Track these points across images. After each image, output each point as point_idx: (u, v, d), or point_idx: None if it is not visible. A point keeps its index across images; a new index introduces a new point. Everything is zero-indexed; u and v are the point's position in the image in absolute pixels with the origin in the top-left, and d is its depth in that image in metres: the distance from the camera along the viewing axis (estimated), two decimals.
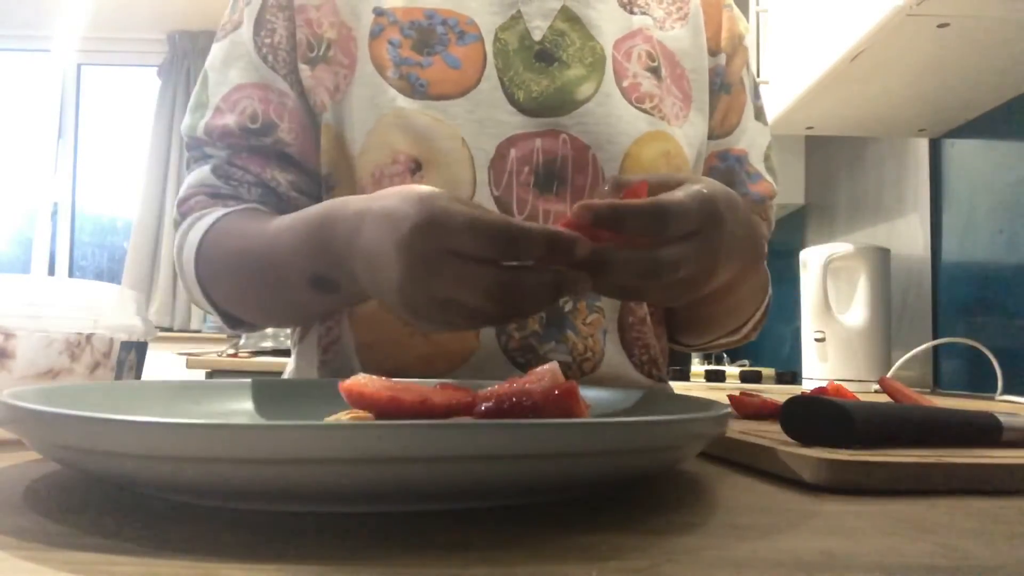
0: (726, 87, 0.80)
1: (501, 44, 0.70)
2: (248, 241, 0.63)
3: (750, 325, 0.79)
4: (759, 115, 0.83)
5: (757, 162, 0.81)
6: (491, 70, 0.69)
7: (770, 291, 0.80)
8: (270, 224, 0.62)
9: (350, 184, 0.69)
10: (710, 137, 0.80)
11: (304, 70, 0.70)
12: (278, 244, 0.60)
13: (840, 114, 1.52)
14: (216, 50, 0.74)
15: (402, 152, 0.66)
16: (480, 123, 0.67)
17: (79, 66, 3.75)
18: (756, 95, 0.84)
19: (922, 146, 1.62)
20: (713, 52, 0.79)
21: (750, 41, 0.85)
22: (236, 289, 0.67)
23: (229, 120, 0.70)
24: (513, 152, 0.68)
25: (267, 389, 0.49)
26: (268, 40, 0.71)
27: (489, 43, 0.70)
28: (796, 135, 1.87)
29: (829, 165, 2.08)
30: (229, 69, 0.71)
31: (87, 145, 3.77)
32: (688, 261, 0.44)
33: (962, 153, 1.51)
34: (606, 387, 0.50)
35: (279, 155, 0.70)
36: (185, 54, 3.65)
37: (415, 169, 0.66)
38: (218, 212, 0.68)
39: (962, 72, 1.26)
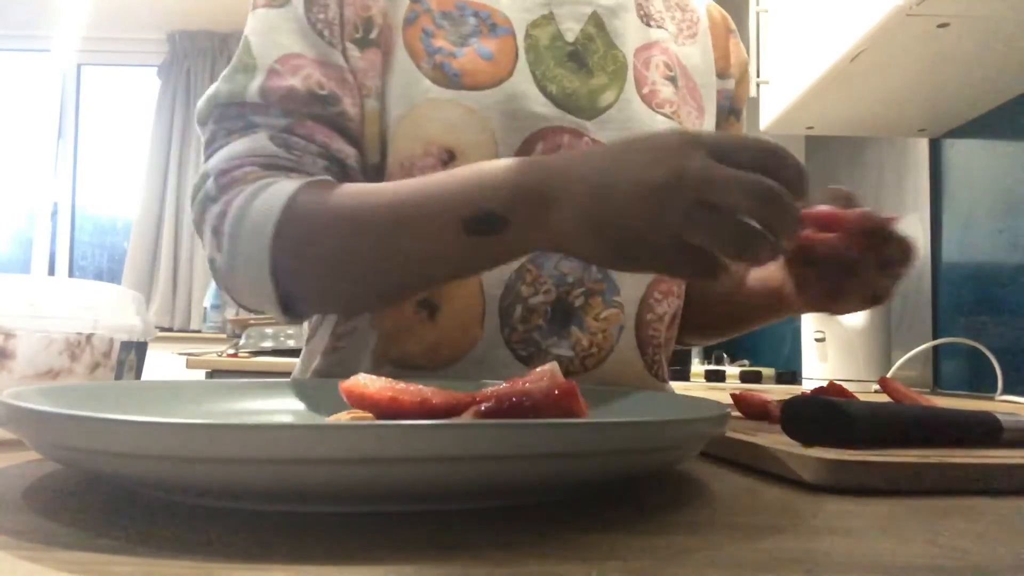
0: (736, 112, 0.84)
1: (532, 40, 0.70)
2: (362, 200, 0.55)
3: None
4: None
5: None
6: (523, 63, 0.69)
7: None
8: (386, 186, 0.56)
9: (377, 171, 0.67)
10: None
11: (352, 50, 0.66)
12: (410, 196, 0.54)
13: (840, 114, 1.52)
14: (258, 19, 0.66)
15: (434, 143, 0.65)
16: (512, 115, 0.67)
17: (79, 66, 3.75)
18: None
19: (922, 146, 1.62)
20: (721, 75, 0.82)
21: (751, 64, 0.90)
22: (339, 258, 0.57)
23: (294, 82, 0.62)
24: (540, 147, 0.68)
25: (267, 389, 0.49)
26: (322, 15, 0.65)
27: (520, 38, 0.70)
28: (796, 135, 1.87)
29: (829, 165, 2.08)
30: (279, 36, 0.64)
31: (87, 145, 3.78)
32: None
33: (962, 153, 1.51)
34: (606, 387, 0.50)
35: (342, 129, 0.64)
36: (185, 54, 3.65)
37: (447, 160, 0.65)
38: (297, 181, 0.58)
39: (962, 72, 1.26)
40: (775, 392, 0.93)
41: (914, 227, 0.56)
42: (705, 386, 1.65)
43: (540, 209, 0.47)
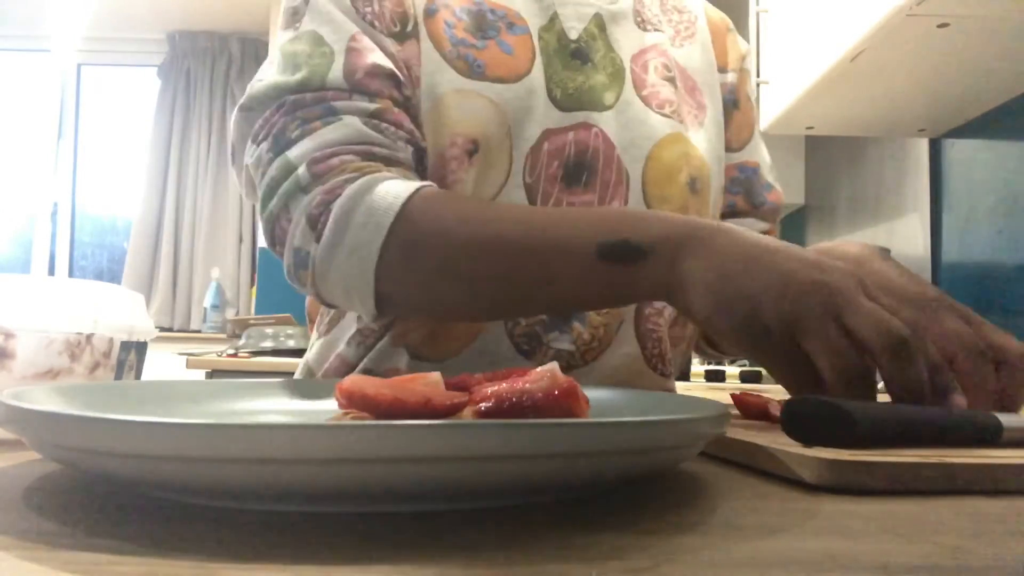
0: (736, 103, 0.85)
1: (543, 43, 0.71)
2: (489, 216, 0.57)
3: None
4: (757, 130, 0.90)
5: (767, 174, 0.86)
6: (538, 62, 0.70)
7: None
8: (511, 206, 0.62)
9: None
10: (729, 150, 0.84)
11: (391, 45, 0.65)
12: (541, 219, 0.56)
13: (840, 114, 1.52)
14: (315, 12, 0.65)
15: (460, 134, 0.65)
16: (528, 111, 0.68)
17: (79, 66, 3.75)
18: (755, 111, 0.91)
19: (922, 146, 1.62)
20: (722, 70, 0.84)
21: (751, 58, 0.91)
22: (456, 270, 0.56)
23: (375, 59, 0.62)
24: (547, 145, 0.69)
25: (267, 389, 0.49)
26: (369, 8, 0.66)
27: (535, 38, 0.71)
28: (796, 135, 1.87)
29: (829, 165, 2.08)
30: (344, 23, 0.64)
31: (87, 145, 3.78)
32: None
33: (962, 153, 1.51)
34: (606, 386, 0.50)
35: (414, 116, 0.65)
36: (185, 54, 3.65)
37: (473, 151, 0.65)
38: (412, 184, 0.57)
39: (962, 72, 1.26)
40: (775, 392, 0.93)
41: (913, 227, 0.55)
42: (705, 386, 1.65)
43: (680, 253, 0.48)
